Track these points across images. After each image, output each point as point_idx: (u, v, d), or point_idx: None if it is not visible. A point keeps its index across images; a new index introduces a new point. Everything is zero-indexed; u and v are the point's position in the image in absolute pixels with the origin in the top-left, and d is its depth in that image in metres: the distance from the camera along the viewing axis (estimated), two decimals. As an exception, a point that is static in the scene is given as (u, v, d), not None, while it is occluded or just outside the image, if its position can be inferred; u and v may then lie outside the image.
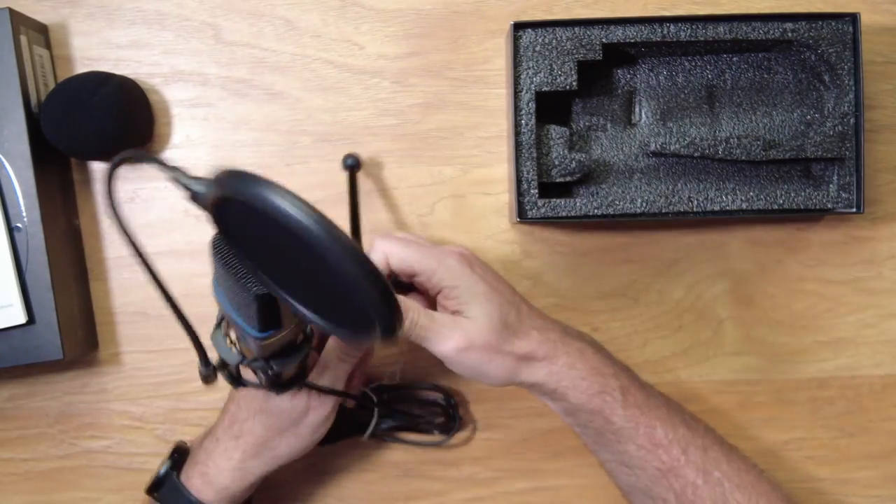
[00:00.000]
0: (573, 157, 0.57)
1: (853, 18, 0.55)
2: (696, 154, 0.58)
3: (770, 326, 0.62)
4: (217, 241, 0.36)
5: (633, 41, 0.56)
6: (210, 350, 0.43)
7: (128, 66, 0.61)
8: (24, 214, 0.56)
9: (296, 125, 0.61)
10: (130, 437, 0.62)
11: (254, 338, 0.39)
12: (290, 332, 0.41)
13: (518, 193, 0.56)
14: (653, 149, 0.58)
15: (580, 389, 0.49)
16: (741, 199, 0.57)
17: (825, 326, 0.62)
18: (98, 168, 0.61)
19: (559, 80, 0.56)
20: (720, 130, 0.59)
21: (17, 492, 0.62)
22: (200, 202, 0.33)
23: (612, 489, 0.53)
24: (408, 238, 0.51)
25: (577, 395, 0.50)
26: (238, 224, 0.33)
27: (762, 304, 0.62)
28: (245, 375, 0.47)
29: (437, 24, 0.61)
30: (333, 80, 0.61)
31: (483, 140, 0.61)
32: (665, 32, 0.56)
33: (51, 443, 0.62)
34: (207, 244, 0.36)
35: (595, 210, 0.57)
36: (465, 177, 0.61)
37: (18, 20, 0.56)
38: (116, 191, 0.34)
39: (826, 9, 0.60)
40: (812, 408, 0.62)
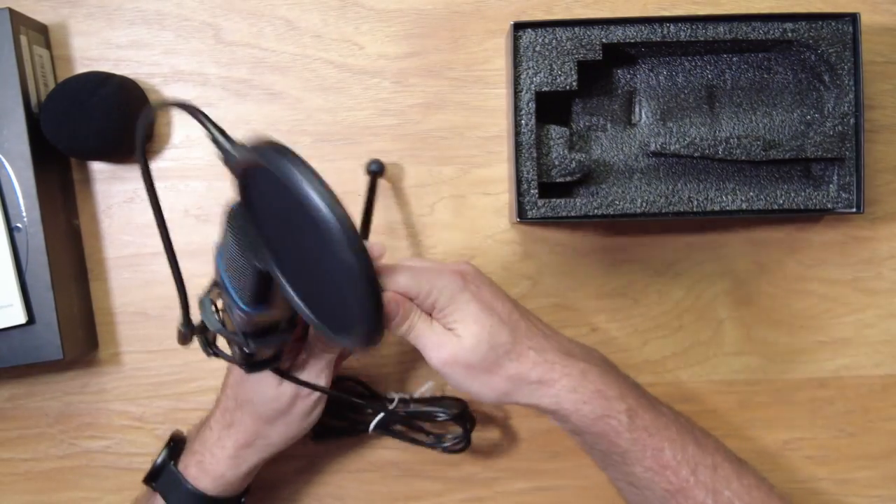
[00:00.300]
0: (573, 157, 0.57)
1: (853, 18, 0.55)
2: (696, 154, 0.58)
3: (770, 326, 0.62)
4: (234, 209, 0.37)
5: (633, 41, 0.56)
6: (195, 313, 0.43)
7: (128, 67, 0.61)
8: (24, 214, 0.56)
9: (296, 125, 0.61)
10: (130, 437, 0.62)
11: (241, 311, 0.39)
12: (276, 315, 0.41)
13: (518, 193, 0.56)
14: (653, 149, 0.58)
15: (582, 413, 0.48)
16: (741, 199, 0.57)
17: (825, 326, 0.62)
18: (98, 168, 0.61)
19: (559, 80, 0.56)
20: (720, 130, 0.59)
21: (17, 492, 0.62)
22: (231, 166, 0.33)
23: (612, 489, 0.53)
24: (405, 262, 0.50)
25: (580, 419, 0.49)
26: (260, 196, 0.34)
27: (762, 304, 0.62)
28: (221, 347, 0.47)
29: (438, 24, 0.61)
30: (333, 81, 0.61)
31: (483, 140, 0.61)
32: (665, 32, 0.56)
33: (51, 443, 0.62)
34: (222, 209, 0.37)
35: (595, 210, 0.57)
36: (465, 177, 0.61)
37: (18, 20, 0.56)
38: (142, 136, 0.35)
39: (826, 9, 0.60)
40: (812, 408, 0.62)
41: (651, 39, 0.56)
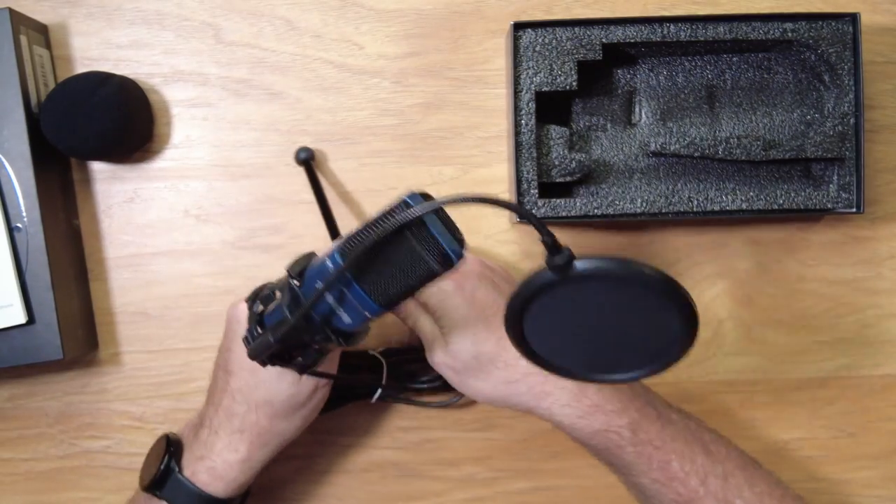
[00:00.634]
0: (573, 157, 0.57)
1: (853, 18, 0.55)
2: (696, 154, 0.58)
3: (770, 326, 0.62)
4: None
5: (633, 41, 0.56)
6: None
7: (128, 66, 0.61)
8: (25, 214, 0.56)
9: (296, 125, 0.61)
10: (130, 438, 0.62)
11: (368, 312, 0.40)
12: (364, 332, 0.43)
13: (518, 193, 0.56)
14: (653, 149, 0.58)
15: (578, 427, 0.48)
16: (741, 199, 0.57)
17: (825, 326, 0.62)
18: (98, 168, 0.61)
19: (559, 80, 0.56)
20: (720, 130, 0.59)
21: (17, 492, 0.62)
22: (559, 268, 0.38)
23: (613, 489, 0.53)
24: None
25: (576, 432, 0.48)
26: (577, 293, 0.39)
27: (762, 304, 0.62)
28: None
29: (437, 24, 0.61)
30: (333, 80, 0.61)
31: (483, 140, 0.61)
32: (665, 32, 0.56)
33: (51, 443, 0.62)
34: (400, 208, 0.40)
35: (595, 210, 0.57)
36: (465, 177, 0.61)
37: (18, 20, 0.56)
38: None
39: (826, 9, 0.60)
40: (812, 408, 0.62)
41: (651, 39, 0.56)
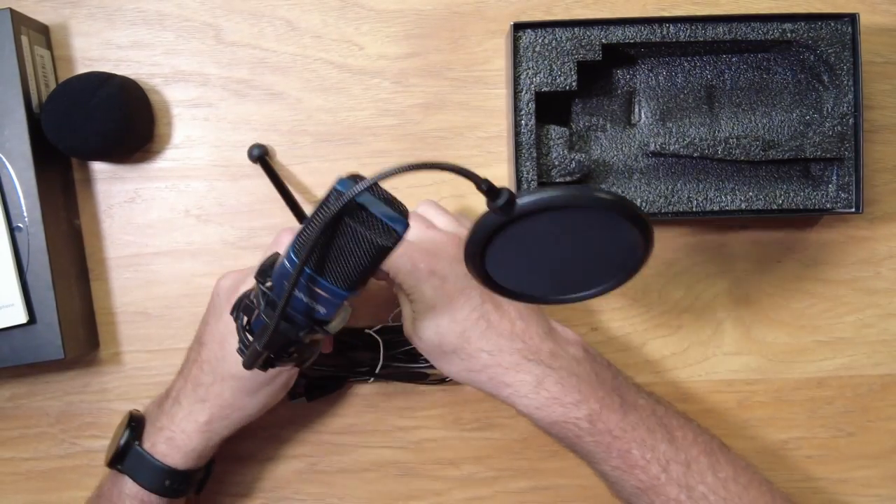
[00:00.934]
0: (573, 157, 0.57)
1: (852, 19, 0.55)
2: (696, 154, 0.58)
3: (769, 326, 0.62)
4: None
5: (633, 41, 0.56)
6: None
7: (129, 67, 0.61)
8: (25, 214, 0.56)
9: (296, 125, 0.61)
10: (131, 437, 0.62)
11: (334, 296, 0.40)
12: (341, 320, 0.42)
13: (518, 193, 0.56)
14: (652, 149, 0.58)
15: (536, 417, 0.49)
16: (740, 199, 0.57)
17: (824, 326, 0.62)
18: (99, 168, 0.62)
19: (559, 81, 0.56)
20: (719, 131, 0.59)
21: (18, 491, 0.62)
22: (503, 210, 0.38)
23: (612, 488, 0.54)
24: (421, 206, 0.53)
25: (536, 422, 0.49)
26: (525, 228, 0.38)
27: (761, 304, 0.62)
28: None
29: (437, 25, 0.61)
30: (334, 81, 0.61)
31: (483, 140, 0.61)
32: (664, 33, 0.56)
33: (52, 442, 0.62)
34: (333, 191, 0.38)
35: (595, 210, 0.57)
36: (465, 177, 0.61)
37: (19, 20, 0.56)
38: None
39: (825, 9, 0.60)
40: (811, 407, 0.62)
41: (651, 40, 0.56)
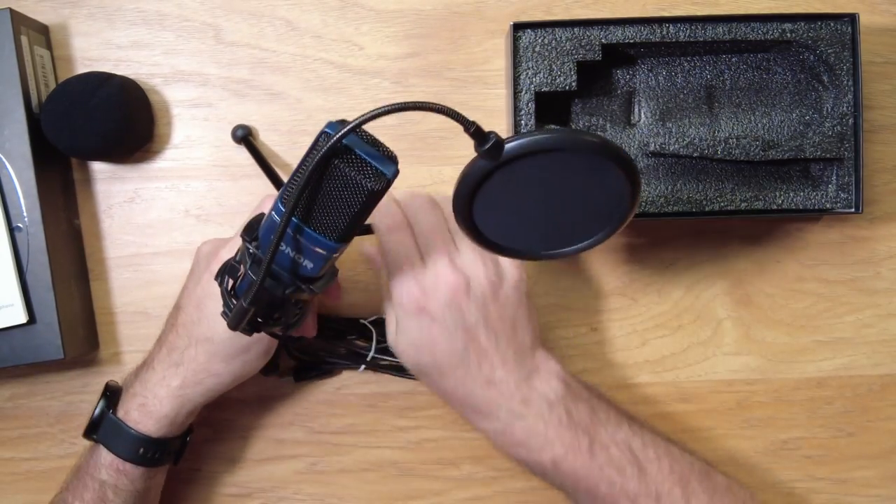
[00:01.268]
0: (573, 158, 0.57)
1: (852, 19, 0.55)
2: (696, 154, 0.58)
3: (769, 326, 0.62)
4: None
5: (633, 41, 0.56)
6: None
7: (128, 67, 0.61)
8: (25, 214, 0.56)
9: (296, 125, 0.61)
10: (131, 437, 0.62)
11: (323, 249, 0.40)
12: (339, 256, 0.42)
13: (518, 193, 0.56)
14: (652, 149, 0.58)
15: (504, 453, 0.51)
16: (740, 200, 0.57)
17: (824, 326, 0.62)
18: (99, 168, 0.62)
19: (559, 81, 0.56)
20: (719, 131, 0.59)
21: (18, 491, 0.62)
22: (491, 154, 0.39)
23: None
24: (407, 198, 0.51)
25: (507, 457, 0.51)
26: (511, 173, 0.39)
27: (761, 304, 0.62)
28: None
29: (437, 25, 0.61)
30: (334, 81, 0.61)
31: (483, 140, 0.61)
32: (664, 33, 0.56)
33: (51, 442, 0.62)
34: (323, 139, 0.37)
35: (594, 210, 0.57)
36: (465, 177, 0.61)
37: (19, 20, 0.56)
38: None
39: (825, 9, 0.61)
40: (811, 407, 0.62)
41: (650, 40, 0.56)
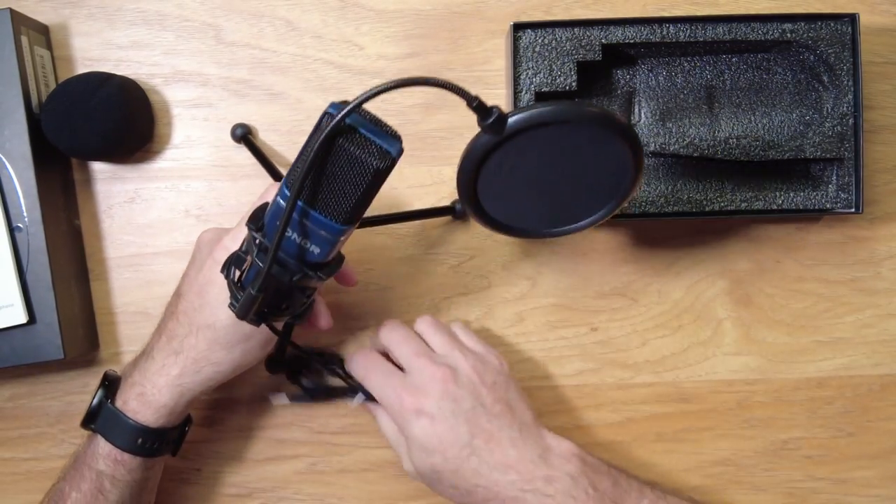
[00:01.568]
0: (573, 158, 0.57)
1: (852, 19, 0.55)
2: (696, 154, 0.58)
3: (769, 326, 0.62)
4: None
5: (633, 42, 0.56)
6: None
7: (128, 67, 0.61)
8: (25, 214, 0.56)
9: (296, 125, 0.61)
10: (131, 437, 0.62)
11: (329, 231, 0.40)
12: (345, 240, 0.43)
13: (518, 193, 0.56)
14: (652, 149, 0.58)
15: None
16: (740, 200, 0.57)
17: (824, 326, 0.62)
18: (99, 168, 0.62)
19: (559, 81, 0.56)
20: (719, 131, 0.59)
21: (18, 491, 0.62)
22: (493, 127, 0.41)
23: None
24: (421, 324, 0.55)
25: None
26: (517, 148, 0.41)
27: (761, 304, 0.62)
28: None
29: (437, 25, 0.61)
30: (334, 81, 0.61)
31: (483, 140, 0.61)
32: (664, 33, 0.56)
33: (52, 442, 0.62)
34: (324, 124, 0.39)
35: (595, 210, 0.57)
36: (465, 177, 0.61)
37: (19, 21, 0.56)
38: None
39: (825, 9, 0.61)
40: (811, 407, 0.62)
41: (650, 40, 0.56)
